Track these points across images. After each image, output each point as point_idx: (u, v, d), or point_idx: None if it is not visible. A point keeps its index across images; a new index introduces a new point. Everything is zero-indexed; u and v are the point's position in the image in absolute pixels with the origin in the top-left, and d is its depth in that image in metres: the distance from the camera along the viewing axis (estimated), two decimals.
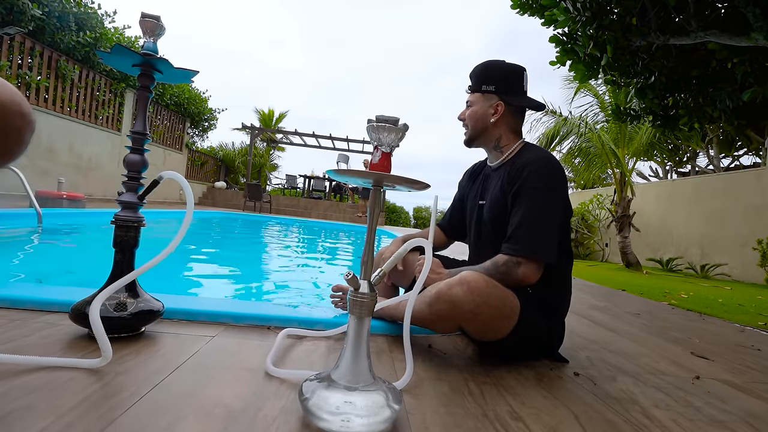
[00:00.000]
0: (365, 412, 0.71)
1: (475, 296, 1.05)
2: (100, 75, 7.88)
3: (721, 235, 7.80)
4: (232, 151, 15.39)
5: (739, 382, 1.29)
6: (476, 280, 1.06)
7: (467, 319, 1.08)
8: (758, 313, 3.18)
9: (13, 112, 0.50)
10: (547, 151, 1.29)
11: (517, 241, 1.16)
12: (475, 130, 1.35)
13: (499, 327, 1.10)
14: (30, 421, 0.63)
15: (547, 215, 1.17)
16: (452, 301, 1.06)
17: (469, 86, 1.38)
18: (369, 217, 0.80)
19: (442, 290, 1.08)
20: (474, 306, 1.05)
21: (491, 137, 1.35)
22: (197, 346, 1.04)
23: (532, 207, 1.17)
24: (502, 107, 1.32)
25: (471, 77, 1.38)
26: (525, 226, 1.16)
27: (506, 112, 1.32)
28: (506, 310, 1.09)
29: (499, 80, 1.33)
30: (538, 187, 1.18)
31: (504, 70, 1.33)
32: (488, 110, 1.33)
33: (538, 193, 1.18)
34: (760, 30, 2.11)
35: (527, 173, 1.20)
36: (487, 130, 1.34)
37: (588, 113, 8.47)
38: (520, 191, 1.20)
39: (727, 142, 11.91)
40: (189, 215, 0.89)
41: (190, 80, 1.11)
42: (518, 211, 1.19)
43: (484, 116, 1.34)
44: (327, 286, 2.79)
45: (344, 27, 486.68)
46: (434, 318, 1.11)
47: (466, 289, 1.05)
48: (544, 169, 1.20)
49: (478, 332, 1.14)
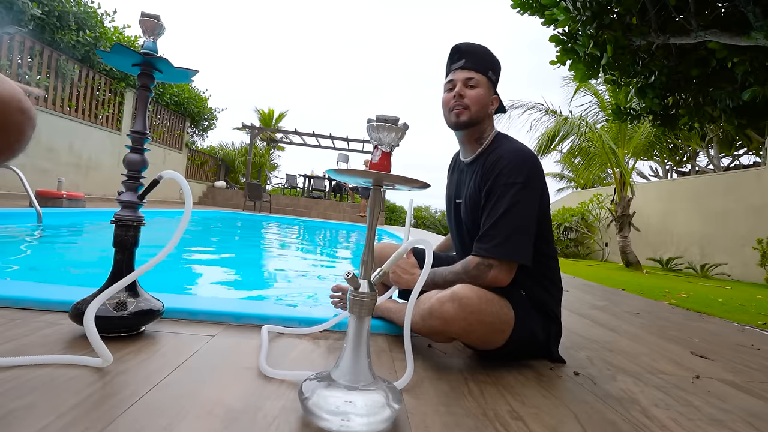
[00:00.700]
0: (365, 412, 0.71)
1: (467, 314, 1.03)
2: (100, 74, 7.88)
3: (721, 234, 7.80)
4: (232, 151, 15.39)
5: (738, 382, 1.29)
6: (468, 296, 1.03)
7: (459, 335, 1.08)
8: (758, 313, 3.18)
9: (13, 108, 0.50)
10: (521, 143, 1.23)
11: (488, 240, 1.10)
12: (478, 115, 1.23)
13: (493, 340, 1.10)
14: (30, 420, 0.63)
15: (522, 213, 1.11)
16: (443, 318, 1.04)
17: (471, 63, 1.23)
18: (369, 216, 0.80)
19: (434, 306, 1.06)
20: (465, 324, 1.03)
21: (482, 128, 1.26)
22: (197, 345, 1.04)
23: (506, 204, 1.11)
24: (496, 101, 1.27)
25: (470, 55, 1.24)
26: (498, 225, 1.10)
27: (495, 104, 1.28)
28: (499, 325, 1.07)
29: (498, 73, 1.27)
30: (512, 183, 1.12)
31: (496, 60, 1.26)
32: (490, 99, 1.25)
33: (512, 190, 1.11)
34: (760, 29, 2.11)
35: (501, 167, 1.14)
36: (483, 120, 1.25)
37: (588, 113, 8.48)
38: (493, 187, 1.14)
39: (727, 142, 11.91)
40: (187, 214, 0.89)
41: (190, 80, 1.11)
42: (491, 209, 1.13)
43: (487, 104, 1.24)
44: (329, 282, 2.79)
45: (346, 27, 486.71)
46: (427, 332, 1.10)
47: (457, 306, 1.03)
48: (520, 164, 1.14)
49: (473, 344, 1.14)
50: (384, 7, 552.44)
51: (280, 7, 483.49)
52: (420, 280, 0.86)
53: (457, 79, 1.23)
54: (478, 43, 1.27)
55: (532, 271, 1.18)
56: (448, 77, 1.28)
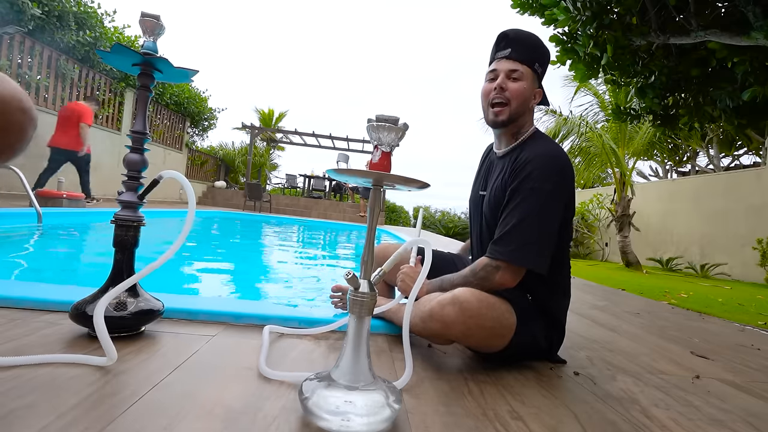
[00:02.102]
0: (365, 412, 0.71)
1: (467, 318, 1.01)
2: (100, 74, 7.88)
3: (721, 234, 7.80)
4: (232, 151, 15.39)
5: (738, 382, 1.29)
6: (468, 301, 1.02)
7: (459, 339, 1.07)
8: (758, 313, 3.18)
9: (14, 108, 0.50)
10: (556, 144, 1.17)
11: (505, 244, 1.07)
12: (518, 110, 1.16)
13: (493, 344, 1.08)
14: (31, 419, 0.63)
15: (543, 221, 1.07)
16: (443, 321, 1.03)
17: (517, 54, 1.16)
18: (369, 216, 0.80)
19: (434, 309, 1.04)
20: (465, 328, 1.02)
21: (522, 123, 1.19)
22: (197, 345, 1.04)
23: (528, 209, 1.07)
24: (539, 95, 1.19)
25: (518, 43, 1.16)
26: (517, 229, 1.06)
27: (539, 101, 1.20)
28: (500, 330, 1.05)
29: (546, 64, 1.18)
30: (539, 188, 1.07)
31: (545, 51, 1.18)
32: (533, 93, 1.18)
33: (538, 195, 1.07)
34: (760, 29, 2.11)
35: (531, 169, 1.09)
36: (524, 115, 1.18)
37: (588, 113, 8.48)
38: (519, 188, 1.09)
39: (727, 142, 11.91)
40: (191, 215, 0.89)
41: (190, 80, 1.11)
42: (512, 210, 1.09)
43: (529, 99, 1.17)
44: (329, 282, 2.80)
45: (346, 27, 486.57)
46: (427, 334, 1.10)
47: (457, 310, 1.01)
48: (550, 168, 1.09)
49: (473, 347, 1.14)
50: (384, 7, 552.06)
51: (280, 7, 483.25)
52: (420, 278, 0.86)
53: (500, 70, 1.16)
54: (528, 31, 1.18)
55: (543, 276, 1.13)
56: (491, 66, 1.20)
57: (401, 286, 1.22)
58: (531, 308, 1.14)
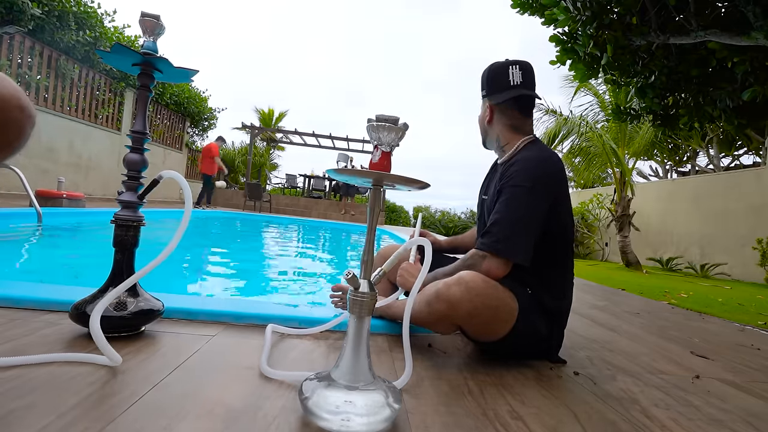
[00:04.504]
0: (365, 411, 0.71)
1: (473, 296, 1.05)
2: (100, 74, 7.88)
3: (721, 234, 7.80)
4: (232, 151, 15.40)
5: (738, 382, 1.29)
6: (474, 280, 1.07)
7: (465, 320, 1.09)
8: (758, 313, 3.18)
9: (12, 106, 0.50)
10: (549, 151, 1.27)
11: (489, 236, 1.16)
12: (483, 135, 1.42)
13: (496, 329, 1.11)
14: (31, 419, 0.63)
15: (525, 215, 1.16)
16: (450, 301, 1.06)
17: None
18: (369, 216, 0.80)
19: (441, 290, 1.09)
20: (471, 307, 1.05)
21: (492, 138, 1.39)
22: (197, 345, 1.04)
23: (510, 205, 1.17)
24: (490, 109, 1.35)
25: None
26: (499, 222, 1.16)
27: (497, 112, 1.34)
28: (503, 314, 1.10)
29: (486, 82, 1.35)
30: (519, 186, 1.17)
31: (489, 71, 1.35)
32: (485, 114, 1.38)
33: (518, 192, 1.17)
34: (760, 29, 2.11)
35: (515, 171, 1.20)
36: (487, 133, 1.40)
37: (588, 113, 8.48)
38: (503, 188, 1.21)
39: (727, 142, 11.90)
40: (187, 214, 0.89)
41: (190, 79, 1.11)
42: (498, 207, 1.20)
43: (482, 120, 1.40)
44: (328, 281, 2.80)
45: (346, 27, 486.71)
46: (432, 318, 1.11)
47: (463, 289, 1.06)
48: (533, 169, 1.19)
49: (476, 333, 1.14)
50: (384, 8, 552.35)
51: (280, 7, 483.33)
52: (421, 276, 0.86)
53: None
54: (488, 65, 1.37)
55: (544, 278, 1.21)
56: None
57: (400, 281, 1.27)
58: (531, 300, 1.18)
